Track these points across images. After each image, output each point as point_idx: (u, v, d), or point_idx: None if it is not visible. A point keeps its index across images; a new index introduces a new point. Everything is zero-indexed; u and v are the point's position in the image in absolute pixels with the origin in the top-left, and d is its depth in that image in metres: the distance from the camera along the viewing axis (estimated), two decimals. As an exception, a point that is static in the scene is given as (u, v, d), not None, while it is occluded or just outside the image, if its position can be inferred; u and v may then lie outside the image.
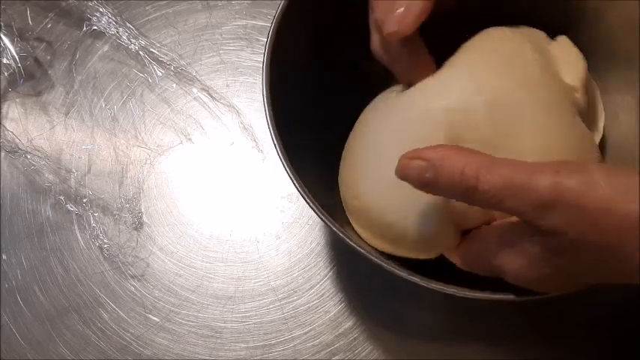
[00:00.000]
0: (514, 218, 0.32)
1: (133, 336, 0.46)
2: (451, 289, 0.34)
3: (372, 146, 0.38)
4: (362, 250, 0.34)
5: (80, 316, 0.46)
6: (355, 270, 0.46)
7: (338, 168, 0.40)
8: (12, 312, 0.47)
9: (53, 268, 0.48)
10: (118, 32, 0.51)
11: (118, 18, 0.52)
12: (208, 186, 0.49)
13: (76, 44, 0.53)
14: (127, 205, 0.48)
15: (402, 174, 0.31)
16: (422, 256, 0.37)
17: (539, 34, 0.39)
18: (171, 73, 0.51)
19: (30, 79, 0.52)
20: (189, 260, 0.47)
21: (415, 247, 0.36)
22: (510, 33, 0.38)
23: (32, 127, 0.51)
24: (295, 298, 0.46)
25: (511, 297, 0.33)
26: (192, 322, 0.46)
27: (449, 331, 0.45)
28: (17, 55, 0.51)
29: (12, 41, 0.51)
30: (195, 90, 0.51)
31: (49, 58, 0.52)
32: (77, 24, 0.52)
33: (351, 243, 0.34)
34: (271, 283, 0.47)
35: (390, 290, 0.45)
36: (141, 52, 0.51)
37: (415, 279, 0.34)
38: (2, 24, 0.51)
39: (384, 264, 0.34)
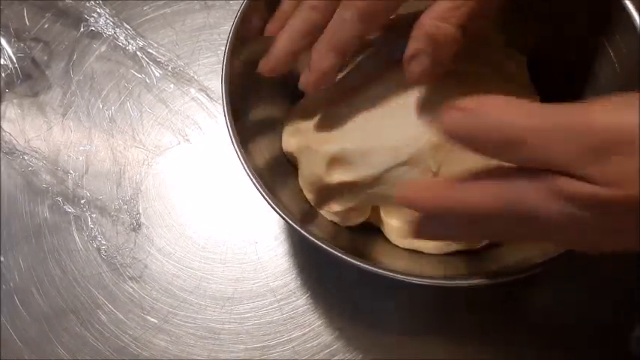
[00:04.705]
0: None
1: (131, 337, 0.46)
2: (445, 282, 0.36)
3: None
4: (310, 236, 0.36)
5: (78, 317, 0.46)
6: (354, 271, 0.46)
7: None
8: (10, 313, 0.46)
9: (51, 269, 0.47)
10: (115, 33, 0.51)
11: (116, 18, 0.51)
12: (206, 187, 0.49)
13: (73, 45, 0.52)
14: (125, 207, 0.48)
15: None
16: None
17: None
18: (169, 74, 0.51)
19: (27, 80, 0.51)
20: (188, 261, 0.47)
21: None
22: None
23: (29, 127, 0.51)
24: (294, 299, 0.46)
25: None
26: (191, 323, 0.46)
27: (449, 330, 0.45)
28: (14, 55, 0.50)
29: (9, 41, 0.51)
30: (193, 90, 0.51)
31: (46, 58, 0.52)
32: (74, 24, 0.52)
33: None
34: (270, 284, 0.46)
35: (389, 291, 0.45)
36: (138, 53, 0.51)
37: (381, 271, 0.36)
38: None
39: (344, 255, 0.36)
